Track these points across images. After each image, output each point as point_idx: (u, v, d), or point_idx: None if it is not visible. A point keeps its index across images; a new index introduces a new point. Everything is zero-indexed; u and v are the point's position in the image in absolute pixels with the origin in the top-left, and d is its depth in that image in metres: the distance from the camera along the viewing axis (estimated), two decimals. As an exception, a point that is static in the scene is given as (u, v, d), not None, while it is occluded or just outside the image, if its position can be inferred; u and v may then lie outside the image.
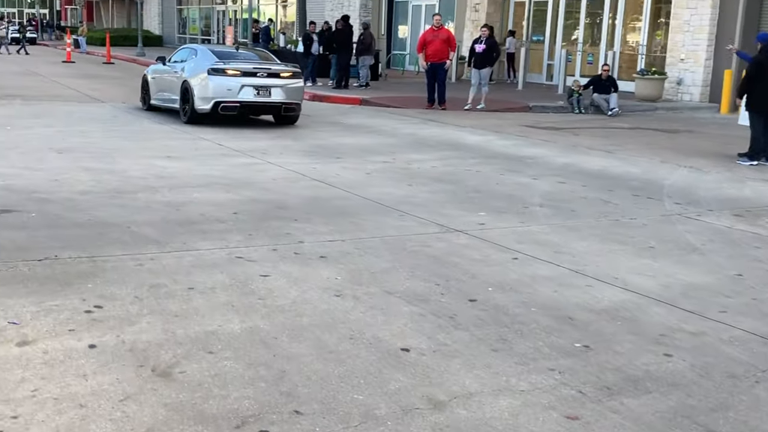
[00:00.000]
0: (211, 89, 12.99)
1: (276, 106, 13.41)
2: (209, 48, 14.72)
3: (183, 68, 13.90)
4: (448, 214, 7.27)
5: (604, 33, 22.28)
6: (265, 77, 13.22)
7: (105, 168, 9.00)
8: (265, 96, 13.18)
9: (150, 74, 15.47)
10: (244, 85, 13.00)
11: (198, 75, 13.23)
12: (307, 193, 8.09)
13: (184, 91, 13.51)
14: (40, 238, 5.89)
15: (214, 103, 12.93)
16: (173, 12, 50.20)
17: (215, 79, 13.02)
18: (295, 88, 13.56)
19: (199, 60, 13.69)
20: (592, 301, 4.91)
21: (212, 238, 6.14)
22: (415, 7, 29.69)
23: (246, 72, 13.14)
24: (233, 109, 13.09)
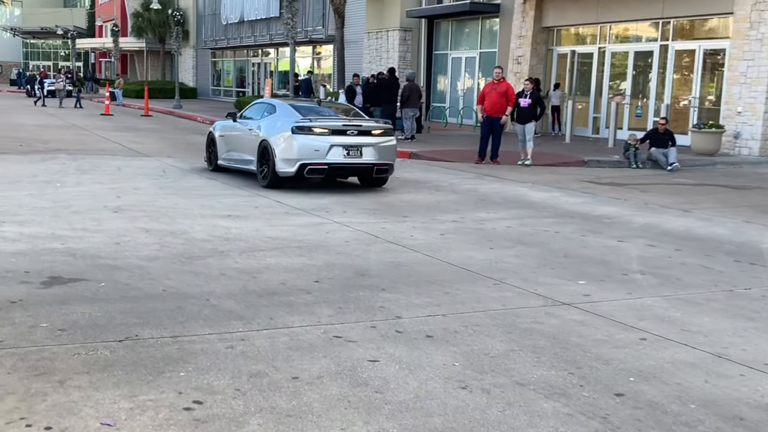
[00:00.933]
0: (296, 150, 11.58)
1: (367, 168, 12.00)
2: (289, 103, 13.18)
3: (259, 125, 12.54)
4: (546, 283, 6.69)
5: (653, 85, 21.77)
6: (356, 135, 11.80)
7: (165, 229, 8.54)
8: (356, 156, 11.75)
9: (217, 132, 14.22)
10: (333, 145, 11.58)
11: (280, 133, 11.86)
12: (386, 257, 7.55)
13: (262, 151, 12.14)
14: (115, 313, 5.37)
15: (299, 165, 11.53)
16: (207, 64, 50.61)
17: (301, 139, 11.61)
18: (388, 147, 12.11)
19: (280, 116, 12.36)
20: (755, 395, 4.27)
21: (300, 312, 5.59)
22: (454, 60, 29.46)
23: (335, 130, 11.74)
24: (320, 172, 11.73)
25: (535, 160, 16.56)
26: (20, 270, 6.45)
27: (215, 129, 14.42)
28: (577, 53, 24.45)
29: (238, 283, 6.36)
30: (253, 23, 42.35)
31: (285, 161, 11.68)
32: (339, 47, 29.77)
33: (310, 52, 38.83)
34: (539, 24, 24.93)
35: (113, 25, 48.63)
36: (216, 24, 47.22)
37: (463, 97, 28.89)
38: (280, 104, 12.93)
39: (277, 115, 12.43)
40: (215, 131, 14.31)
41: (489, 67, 27.82)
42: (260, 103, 13.73)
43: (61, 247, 7.37)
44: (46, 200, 10.15)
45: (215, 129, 14.42)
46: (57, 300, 5.64)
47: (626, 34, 23.15)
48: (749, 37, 18.45)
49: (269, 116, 12.58)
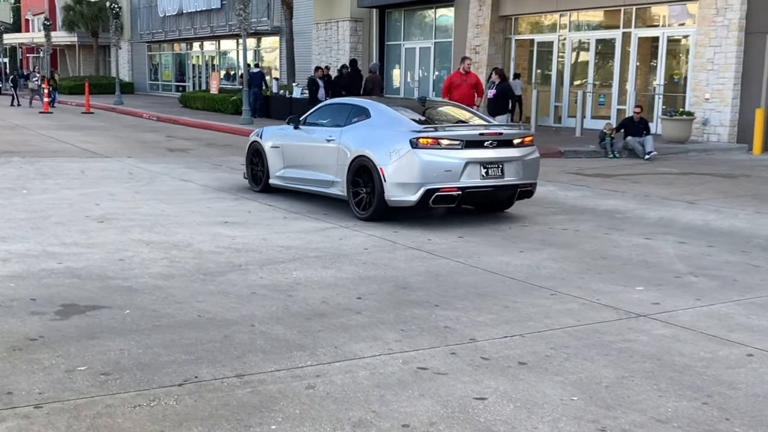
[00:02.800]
0: (419, 170, 8.50)
1: (510, 190, 9.11)
2: (385, 104, 9.85)
3: (345, 135, 9.43)
4: (603, 291, 6.21)
5: (616, 73, 21.64)
6: (495, 147, 8.79)
7: (165, 241, 7.78)
8: (496, 176, 8.78)
9: (268, 141, 10.85)
10: (468, 162, 8.57)
11: (389, 147, 8.73)
12: (417, 266, 6.97)
13: (357, 170, 9.08)
14: (157, 348, 4.67)
15: (424, 192, 8.50)
16: (144, 58, 48.98)
17: (424, 155, 8.52)
18: (533, 161, 9.18)
19: (380, 123, 9.26)
20: None
21: (362, 337, 4.98)
22: (408, 50, 28.93)
23: (470, 141, 8.68)
24: (451, 200, 8.69)
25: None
26: (25, 297, 5.66)
27: (263, 138, 11.05)
28: (537, 42, 24.23)
29: (276, 303, 5.70)
30: (192, 15, 41.04)
31: (400, 186, 8.63)
32: (288, 39, 28.99)
33: (253, 44, 37.76)
34: (497, 12, 24.57)
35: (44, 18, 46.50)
36: (152, 17, 45.63)
37: (418, 88, 28.39)
38: (375, 105, 9.67)
39: (373, 121, 9.36)
40: (263, 141, 10.98)
41: (444, 57, 27.43)
42: (336, 104, 10.56)
43: (60, 267, 6.57)
44: (19, 210, 9.24)
45: (263, 138, 11.05)
46: (83, 334, 4.90)
47: (587, 21, 22.98)
48: (716, 23, 18.40)
49: (359, 122, 9.48)
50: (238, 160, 15.43)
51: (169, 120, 26.49)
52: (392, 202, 8.77)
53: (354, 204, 9.17)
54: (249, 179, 11.37)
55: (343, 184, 9.31)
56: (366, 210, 9.02)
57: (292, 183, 10.43)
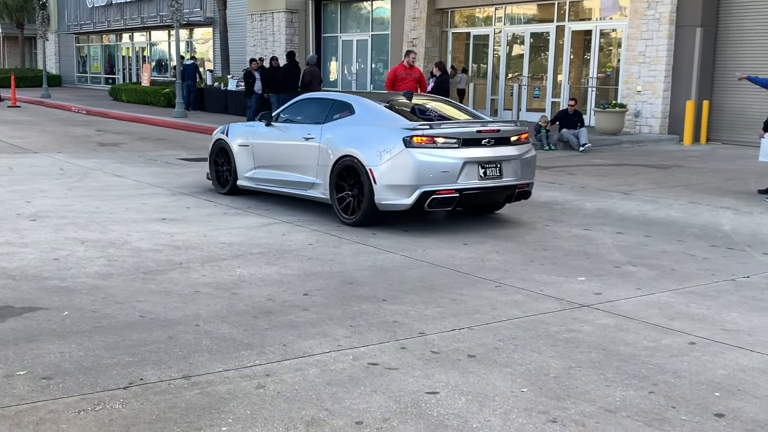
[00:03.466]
0: (414, 171, 7.90)
1: (508, 191, 8.55)
2: (370, 99, 9.14)
3: (323, 132, 8.81)
4: (544, 281, 6.29)
5: (550, 66, 21.95)
6: (493, 145, 8.26)
7: (101, 239, 7.58)
8: (494, 177, 8.23)
9: (236, 139, 10.07)
10: (466, 162, 8.02)
11: (380, 146, 8.11)
12: (363, 260, 6.94)
13: (341, 172, 8.44)
14: (99, 350, 4.54)
15: (420, 194, 7.90)
16: (72, 50, 47.66)
17: (419, 155, 7.93)
18: (530, 160, 8.67)
19: (366, 119, 8.63)
20: None
21: (311, 334, 4.93)
22: (345, 43, 28.81)
23: (467, 139, 8.11)
24: (449, 203, 8.12)
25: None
26: (-44, 301, 5.43)
27: (230, 135, 10.25)
28: (473, 35, 24.41)
29: (221, 301, 5.61)
30: (122, 6, 40.12)
31: (393, 189, 8.02)
32: (222, 30, 28.53)
33: (185, 36, 37.08)
34: (433, 5, 24.64)
35: (-34, 8, 44.86)
36: (80, 7, 44.40)
37: (356, 80, 28.34)
38: (359, 100, 9.03)
39: (358, 118, 8.73)
40: (230, 139, 10.19)
41: (382, 50, 27.42)
42: (313, 99, 9.78)
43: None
44: (-55, 209, 8.89)
45: (230, 135, 10.25)
46: (20, 337, 4.72)
47: (522, 14, 23.23)
48: (647, 17, 18.81)
49: (342, 119, 8.85)
50: (173, 154, 15.15)
51: (100, 113, 25.85)
52: (383, 206, 8.15)
53: (339, 208, 8.53)
54: (213, 180, 10.53)
55: (326, 186, 8.66)
56: (353, 214, 8.37)
57: (263, 184, 9.72)
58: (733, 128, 17.99)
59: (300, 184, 9.13)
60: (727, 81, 17.95)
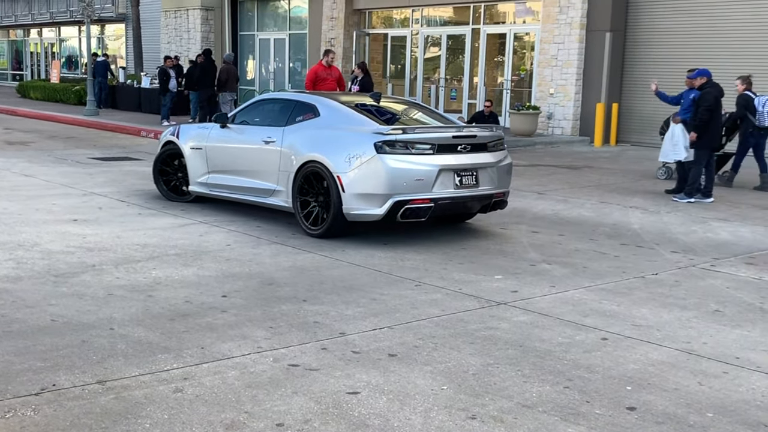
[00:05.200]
0: (387, 179, 7.40)
1: (484, 201, 8.08)
2: (335, 99, 8.64)
3: (285, 135, 8.29)
4: (462, 280, 6.39)
5: (466, 68, 22.27)
6: (469, 152, 7.83)
7: (9, 240, 7.31)
8: (470, 185, 7.79)
9: (188, 142, 9.45)
10: (442, 170, 7.56)
11: (347, 151, 7.61)
12: (282, 261, 6.90)
13: (305, 178, 7.94)
14: (10, 356, 4.38)
15: (393, 203, 7.42)
16: (-25, 44, 45.74)
17: (392, 161, 7.43)
18: (506, 167, 8.26)
19: (333, 122, 8.12)
20: (759, 395, 4.18)
21: (230, 336, 4.87)
22: (262, 41, 28.55)
23: (442, 145, 7.66)
24: (422, 213, 7.58)
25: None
26: None
27: (180, 138, 9.59)
28: (390, 36, 24.54)
29: (136, 304, 5.48)
30: (30, 1, 38.70)
31: (363, 198, 7.52)
32: (135, 26, 27.93)
33: (97, 31, 36.08)
34: (351, 6, 24.67)
35: None
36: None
37: (274, 80, 28.13)
38: (324, 101, 8.48)
39: (323, 120, 8.20)
40: (181, 141, 9.53)
41: (300, 49, 27.29)
42: (273, 99, 9.26)
43: None
44: None
45: (180, 138, 9.59)
46: None
47: (438, 17, 23.50)
48: (559, 21, 19.30)
49: (306, 121, 8.32)
50: (84, 153, 14.72)
51: (6, 111, 24.88)
52: (352, 216, 7.67)
53: (302, 218, 8.03)
54: (160, 187, 9.90)
55: (288, 193, 8.14)
56: (318, 225, 7.88)
57: (218, 191, 9.13)
58: (641, 130, 18.61)
59: (259, 190, 8.59)
60: (636, 84, 18.60)
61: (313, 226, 7.95)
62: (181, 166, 9.71)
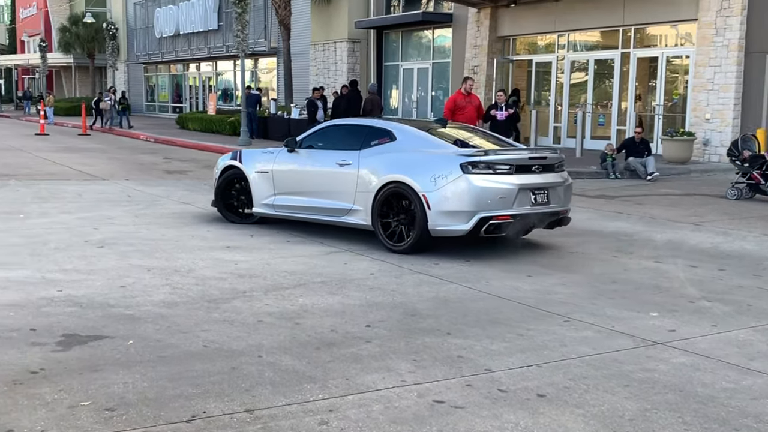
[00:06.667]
0: (473, 197, 7.95)
1: (553, 217, 8.61)
2: (410, 125, 9.22)
3: (362, 158, 8.78)
4: (615, 316, 6.08)
5: (615, 93, 21.61)
6: (541, 172, 8.42)
7: (167, 266, 7.63)
8: (543, 203, 8.36)
9: (254, 166, 9.93)
10: (521, 188, 8.12)
11: (431, 172, 8.13)
12: (425, 291, 6.83)
13: (388, 198, 8.45)
14: (163, 381, 4.51)
15: (479, 219, 7.96)
16: (140, 79, 48.96)
17: (478, 180, 7.99)
18: (569, 187, 8.87)
19: (410, 145, 8.62)
20: None
21: (374, 368, 4.83)
22: (406, 71, 28.93)
23: (519, 165, 8.23)
24: (503, 229, 8.14)
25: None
26: (25, 327, 5.50)
27: (244, 162, 10.09)
28: (535, 62, 24.24)
29: (283, 332, 5.55)
30: (189, 36, 41.05)
31: (449, 215, 8.05)
32: (286, 60, 28.96)
33: (250, 65, 37.76)
34: (495, 33, 24.61)
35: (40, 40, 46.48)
36: (149, 38, 45.66)
37: (416, 108, 28.40)
38: (399, 127, 9.02)
39: (401, 144, 8.70)
40: (245, 165, 10.03)
41: (442, 77, 27.45)
42: (342, 125, 9.88)
43: (60, 295, 6.41)
44: (17, 235, 9.08)
45: (244, 162, 10.09)
46: (85, 366, 4.74)
47: (585, 41, 23.00)
48: (715, 44, 18.41)
49: (382, 145, 8.82)
50: (237, 182, 15.30)
51: (167, 141, 26.39)
52: (437, 232, 8.16)
53: (385, 235, 8.49)
54: (220, 208, 10.40)
55: (367, 212, 8.62)
56: (401, 241, 8.35)
57: (286, 211, 9.64)
58: (807, 157, 17.36)
59: (333, 210, 9.06)
60: (801, 108, 17.40)
61: (396, 241, 8.43)
62: (242, 189, 10.18)
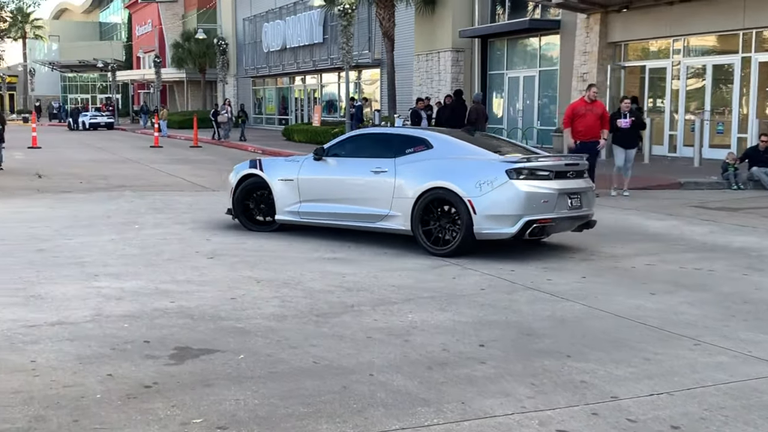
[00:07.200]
0: (521, 201, 8.32)
1: (583, 220, 9.10)
2: (445, 134, 9.65)
3: (398, 166, 9.05)
4: (750, 340, 5.62)
5: (735, 99, 20.55)
6: (574, 178, 8.94)
7: (275, 278, 7.59)
8: (577, 206, 8.82)
9: (276, 174, 10.12)
10: (560, 193, 8.58)
11: (476, 178, 8.46)
12: (540, 309, 6.52)
13: (429, 205, 8.74)
14: (274, 399, 4.40)
15: (524, 222, 8.33)
16: (249, 93, 50.19)
17: (524, 186, 8.37)
18: (593, 192, 9.46)
19: (448, 153, 8.95)
20: None
21: (491, 391, 4.58)
22: (511, 80, 28.47)
23: (558, 171, 8.71)
24: (544, 232, 8.68)
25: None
26: (138, 339, 5.52)
27: (267, 171, 10.24)
28: (648, 68, 23.37)
29: (394, 349, 5.37)
30: (295, 50, 41.79)
31: (495, 218, 8.39)
32: (389, 71, 28.98)
33: (353, 77, 38.06)
34: (605, 39, 23.85)
35: (155, 56, 48.37)
36: (257, 52, 46.80)
37: (522, 117, 27.88)
38: (435, 136, 9.36)
39: (438, 152, 9.00)
40: (267, 174, 10.19)
41: (549, 85, 26.85)
42: (370, 135, 10.39)
43: (173, 306, 6.44)
44: (132, 245, 9.27)
45: (267, 171, 10.24)
46: (197, 381, 4.68)
47: (703, 46, 22.02)
48: None
49: (418, 153, 9.10)
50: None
51: (274, 153, 26.81)
52: (482, 235, 8.53)
53: (426, 240, 8.81)
54: (239, 216, 10.49)
55: (406, 218, 8.92)
56: (446, 245, 8.69)
57: (312, 218, 9.86)
58: None
59: (367, 216, 9.31)
60: None
61: (440, 246, 8.73)
62: (261, 197, 10.36)
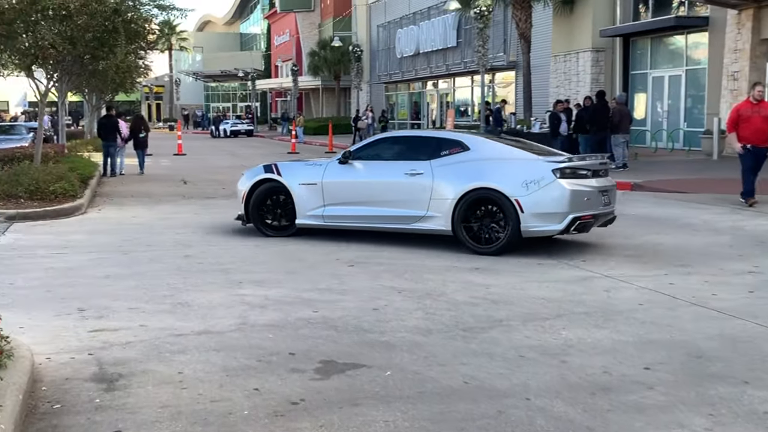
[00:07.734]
0: (566, 199, 8.73)
1: (610, 216, 9.54)
2: (482, 137, 10.36)
3: (435, 168, 9.32)
4: None
5: None
6: (605, 176, 9.44)
7: (417, 288, 7.37)
8: (608, 203, 9.36)
9: (297, 178, 10.15)
10: (599, 190, 9.10)
11: (521, 178, 8.82)
12: (707, 327, 5.98)
13: (471, 205, 9.02)
14: (425, 422, 4.16)
15: (571, 219, 8.74)
16: (381, 98, 50.56)
17: (569, 185, 8.79)
18: (615, 188, 9.80)
19: (486, 155, 9.30)
20: None
21: (663, 422, 4.16)
22: (655, 79, 27.21)
23: (594, 170, 9.19)
24: (586, 227, 9.09)
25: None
26: (284, 351, 5.41)
27: (285, 175, 10.24)
28: (809, 64, 21.73)
29: (550, 370, 5.02)
30: (428, 55, 41.71)
31: (543, 216, 8.76)
32: (525, 73, 28.34)
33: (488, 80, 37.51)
34: (758, 35, 22.37)
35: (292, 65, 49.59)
36: (390, 58, 47.08)
37: (667, 119, 26.60)
38: (470, 138, 9.72)
39: (475, 153, 9.32)
40: (287, 178, 10.19)
41: (696, 85, 25.49)
42: (400, 138, 10.85)
43: (316, 316, 6.33)
44: (273, 253, 9.30)
45: (285, 175, 10.24)
46: (344, 399, 4.50)
47: None
48: None
49: (455, 155, 9.38)
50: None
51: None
52: (529, 233, 8.89)
53: (470, 239, 9.10)
54: (256, 221, 10.34)
55: (446, 218, 9.19)
56: (491, 243, 9.00)
57: (338, 221, 9.98)
58: None
59: (402, 218, 9.53)
60: None
61: (484, 244, 9.02)
62: (278, 202, 10.30)
